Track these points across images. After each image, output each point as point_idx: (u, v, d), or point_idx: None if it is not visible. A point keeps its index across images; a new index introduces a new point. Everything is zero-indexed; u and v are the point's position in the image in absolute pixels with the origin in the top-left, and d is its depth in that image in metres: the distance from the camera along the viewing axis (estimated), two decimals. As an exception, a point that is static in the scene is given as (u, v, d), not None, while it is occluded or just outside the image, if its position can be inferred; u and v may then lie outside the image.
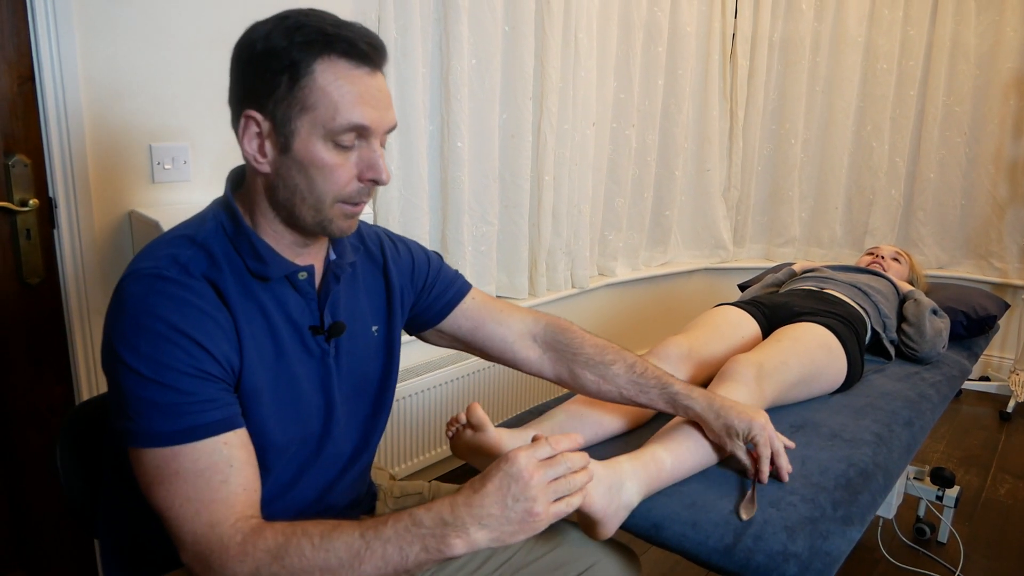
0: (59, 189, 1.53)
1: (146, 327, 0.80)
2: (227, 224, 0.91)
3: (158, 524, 0.85)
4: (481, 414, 1.06)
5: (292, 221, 0.91)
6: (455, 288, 1.19)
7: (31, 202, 1.51)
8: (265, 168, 0.88)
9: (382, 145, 0.90)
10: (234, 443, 0.84)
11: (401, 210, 2.27)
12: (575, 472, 0.81)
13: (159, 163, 1.65)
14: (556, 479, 0.79)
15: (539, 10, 2.54)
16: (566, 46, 2.67)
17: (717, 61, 3.38)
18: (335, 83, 0.84)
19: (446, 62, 2.30)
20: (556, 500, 0.79)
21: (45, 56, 1.46)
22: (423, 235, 2.32)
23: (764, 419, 1.13)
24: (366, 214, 1.83)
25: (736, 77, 3.46)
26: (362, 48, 0.84)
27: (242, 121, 0.86)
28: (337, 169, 0.86)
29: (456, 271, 1.22)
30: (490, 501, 0.77)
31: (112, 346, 0.82)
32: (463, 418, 1.06)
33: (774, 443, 1.13)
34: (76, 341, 1.61)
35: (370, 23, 2.08)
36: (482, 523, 0.76)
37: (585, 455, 0.84)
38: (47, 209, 1.54)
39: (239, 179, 0.95)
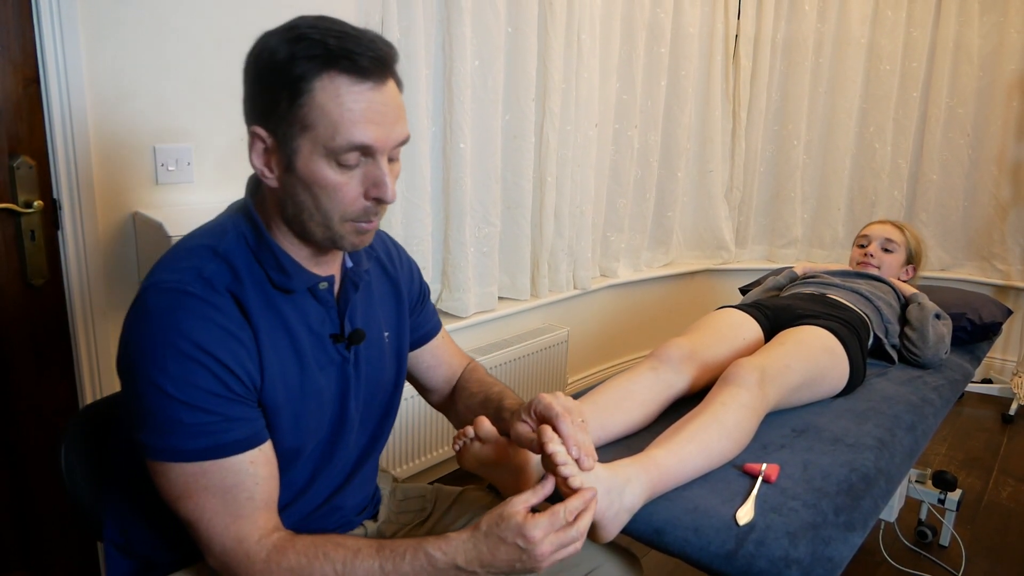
0: (63, 190, 1.53)
1: (172, 345, 0.80)
2: (249, 235, 0.90)
3: (163, 528, 0.86)
4: (488, 427, 1.04)
5: (304, 236, 0.90)
6: (432, 323, 1.20)
7: (35, 203, 1.51)
8: (273, 183, 0.87)
9: (394, 160, 0.88)
10: (259, 460, 0.86)
11: (403, 211, 2.27)
12: (581, 518, 0.87)
13: (163, 164, 1.65)
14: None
15: (542, 11, 2.54)
16: (569, 47, 2.66)
17: (720, 62, 3.38)
18: (334, 101, 0.80)
19: (449, 63, 2.30)
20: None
21: (50, 58, 1.46)
22: (425, 236, 2.32)
23: (559, 396, 0.97)
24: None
25: (739, 78, 3.45)
26: (363, 64, 0.80)
27: (249, 136, 0.86)
28: (341, 188, 0.84)
29: (434, 307, 1.22)
30: (500, 561, 0.84)
31: (134, 360, 0.82)
32: (470, 432, 1.05)
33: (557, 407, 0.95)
34: (80, 342, 1.61)
35: (373, 24, 2.08)
36: (488, 571, 0.85)
37: (585, 493, 0.89)
38: (51, 210, 1.55)
39: (257, 185, 0.94)
